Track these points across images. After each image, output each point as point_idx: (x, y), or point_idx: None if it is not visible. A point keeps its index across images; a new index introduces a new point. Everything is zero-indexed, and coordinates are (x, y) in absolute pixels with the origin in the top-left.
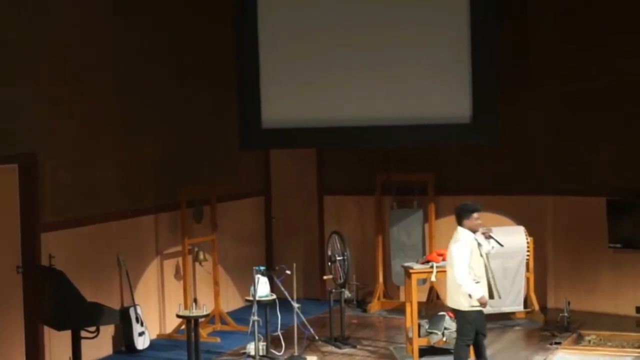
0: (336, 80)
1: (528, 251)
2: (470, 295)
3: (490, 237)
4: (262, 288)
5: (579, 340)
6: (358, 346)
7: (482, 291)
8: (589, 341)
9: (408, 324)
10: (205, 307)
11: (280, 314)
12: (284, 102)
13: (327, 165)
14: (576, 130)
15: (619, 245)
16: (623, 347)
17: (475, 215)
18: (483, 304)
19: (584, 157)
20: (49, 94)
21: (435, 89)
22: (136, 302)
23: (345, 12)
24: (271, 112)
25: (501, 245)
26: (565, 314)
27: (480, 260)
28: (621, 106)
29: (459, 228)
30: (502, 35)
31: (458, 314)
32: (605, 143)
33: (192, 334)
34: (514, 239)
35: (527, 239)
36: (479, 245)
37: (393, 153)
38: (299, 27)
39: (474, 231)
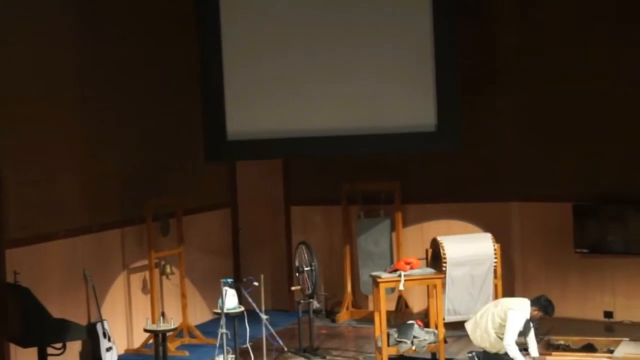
0: (301, 92)
1: (495, 258)
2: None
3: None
4: (230, 300)
5: (548, 346)
6: (327, 356)
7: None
8: (558, 347)
9: (377, 333)
10: (172, 320)
11: (249, 326)
12: (249, 114)
13: (293, 175)
14: (542, 136)
15: (585, 251)
16: (592, 351)
17: (542, 315)
18: None
19: (549, 162)
20: (13, 110)
21: (400, 97)
22: (103, 317)
23: (311, 23)
24: (236, 123)
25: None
26: (534, 321)
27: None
28: (586, 112)
29: (529, 303)
30: (467, 42)
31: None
32: (571, 149)
33: (160, 348)
34: (481, 246)
35: (494, 245)
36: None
37: (359, 162)
38: (262, 40)
39: (531, 319)
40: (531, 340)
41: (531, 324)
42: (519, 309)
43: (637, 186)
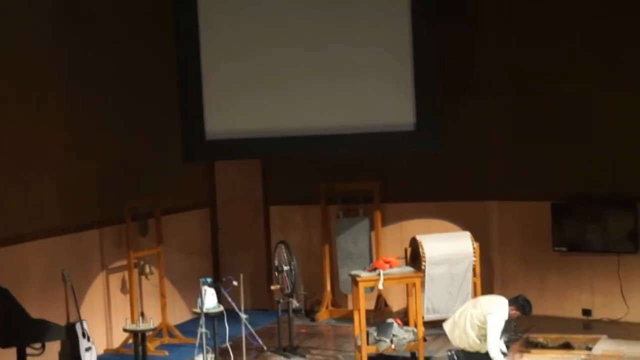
0: (280, 91)
1: (474, 256)
2: None
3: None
4: (210, 300)
5: (527, 345)
6: (307, 355)
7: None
8: (537, 345)
9: (356, 332)
10: (152, 320)
11: (228, 325)
12: (227, 113)
13: (272, 175)
14: (521, 136)
15: (564, 249)
16: (570, 349)
17: (520, 315)
18: None
19: (528, 161)
20: None
21: (379, 97)
22: (82, 318)
23: (290, 22)
24: (215, 123)
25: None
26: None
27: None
28: (566, 112)
29: (506, 303)
30: (448, 42)
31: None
32: (550, 148)
33: (140, 348)
34: (460, 245)
35: (473, 244)
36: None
37: (338, 162)
38: (241, 39)
39: (508, 319)
40: (501, 344)
41: (511, 325)
42: (498, 311)
43: (615, 185)
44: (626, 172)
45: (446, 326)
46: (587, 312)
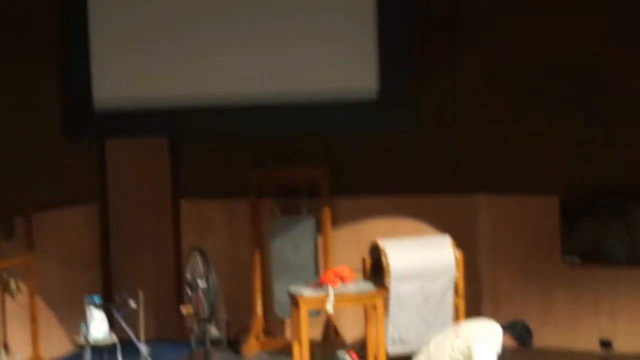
0: (195, 47)
1: (457, 269)
2: None
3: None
4: (98, 327)
5: None
6: None
7: None
8: None
9: None
10: (19, 354)
11: None
12: (123, 76)
13: (185, 159)
14: (518, 110)
15: (576, 260)
16: None
17: (514, 347)
18: None
19: (528, 143)
20: None
21: (328, 55)
22: None
23: None
24: (106, 89)
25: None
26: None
27: None
28: (576, 79)
29: (499, 330)
30: None
31: None
32: (557, 126)
33: None
34: (438, 254)
35: (455, 253)
36: None
37: (274, 142)
38: None
39: (503, 347)
40: None
41: None
42: (487, 341)
43: None
44: None
45: None
46: (606, 344)
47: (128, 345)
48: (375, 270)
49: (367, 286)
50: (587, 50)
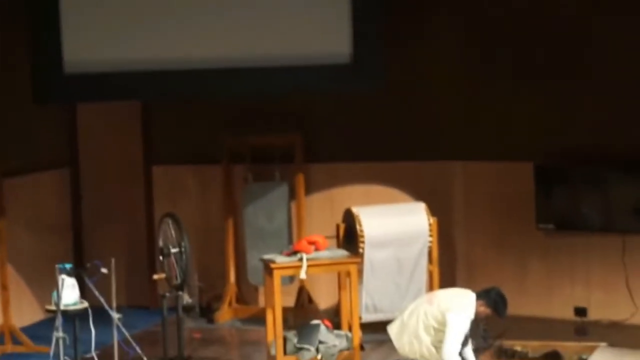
0: (165, 8)
1: (430, 236)
2: None
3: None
4: (69, 293)
5: (500, 354)
6: None
7: None
8: (514, 355)
9: (270, 337)
10: None
11: (95, 328)
12: (94, 38)
13: (157, 124)
14: (494, 73)
15: (551, 227)
16: None
17: (492, 314)
18: None
19: (504, 107)
20: None
21: (302, 19)
22: None
23: None
24: (77, 51)
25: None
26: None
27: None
28: (555, 40)
29: (473, 297)
30: None
31: None
32: (533, 90)
33: None
34: (412, 221)
35: (429, 220)
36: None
37: (246, 106)
38: None
39: (476, 320)
40: (468, 353)
41: (479, 328)
42: (462, 309)
43: (624, 140)
44: (638, 122)
45: (392, 329)
46: (581, 312)
47: (100, 312)
48: (349, 237)
49: (341, 253)
50: (564, 15)
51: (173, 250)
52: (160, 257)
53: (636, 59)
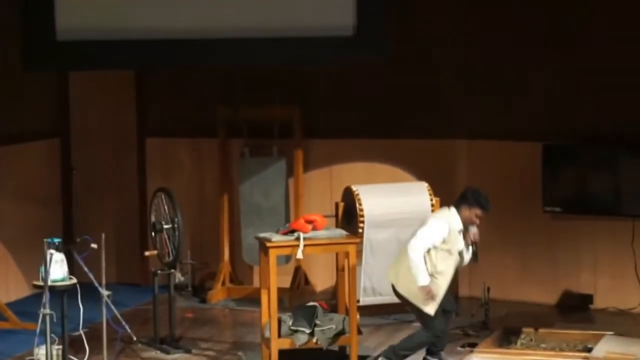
0: None
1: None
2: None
3: (474, 244)
4: (57, 269)
5: (502, 341)
6: (194, 350)
7: (427, 279)
8: (516, 342)
9: (264, 318)
10: None
11: (83, 305)
12: (88, 4)
13: (151, 95)
14: (502, 48)
15: (557, 209)
16: (562, 349)
17: (479, 212)
18: (426, 295)
19: (511, 85)
20: None
21: None
22: None
23: None
24: (70, 18)
25: (476, 259)
26: (484, 305)
27: (450, 258)
28: (560, 15)
29: (452, 209)
30: None
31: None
32: (541, 67)
33: None
34: (414, 200)
35: (431, 199)
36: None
37: (244, 78)
38: None
39: (465, 226)
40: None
41: (470, 244)
42: (442, 217)
43: (634, 120)
44: None
45: (389, 275)
46: (586, 299)
47: (89, 289)
48: (348, 216)
49: (339, 232)
50: None
51: (166, 227)
52: (153, 233)
53: None
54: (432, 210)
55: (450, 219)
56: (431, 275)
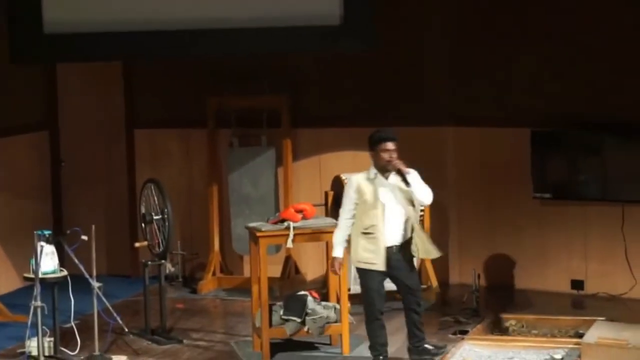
0: None
1: (422, 205)
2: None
3: (402, 174)
4: (48, 261)
5: (492, 328)
6: (185, 341)
7: (340, 252)
8: (507, 328)
9: (255, 308)
10: None
11: (74, 297)
12: None
13: (139, 86)
14: (489, 35)
15: (547, 195)
16: (553, 335)
17: (383, 146)
18: (330, 267)
19: (499, 70)
20: None
21: None
22: None
23: None
24: (57, 10)
25: (407, 185)
26: (474, 292)
27: (372, 210)
28: (550, 1)
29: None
30: None
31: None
32: (530, 51)
33: None
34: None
35: None
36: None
37: (232, 68)
38: None
39: (381, 168)
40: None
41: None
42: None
43: (622, 105)
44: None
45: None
46: (577, 285)
47: (79, 281)
48: (338, 205)
49: (330, 221)
50: None
51: (155, 217)
52: (142, 224)
53: (637, 23)
54: None
55: (354, 176)
56: (366, 233)
